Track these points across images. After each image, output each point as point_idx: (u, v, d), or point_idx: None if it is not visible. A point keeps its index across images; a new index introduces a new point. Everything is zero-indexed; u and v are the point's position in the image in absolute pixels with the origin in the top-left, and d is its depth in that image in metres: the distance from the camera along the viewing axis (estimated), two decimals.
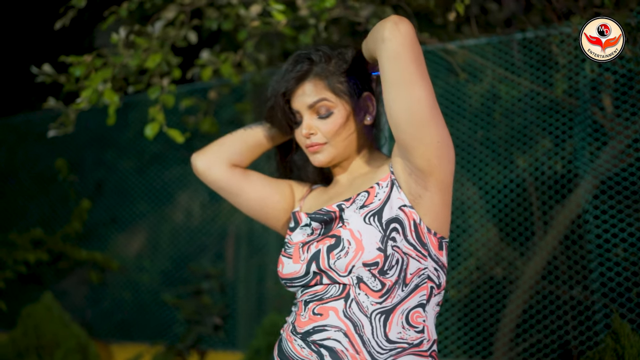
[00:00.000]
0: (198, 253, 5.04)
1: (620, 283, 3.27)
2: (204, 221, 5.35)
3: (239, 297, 4.48)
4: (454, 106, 3.82)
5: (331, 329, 1.53)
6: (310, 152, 1.70)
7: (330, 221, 1.63)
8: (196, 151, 1.85)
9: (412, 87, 1.44)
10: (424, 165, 1.50)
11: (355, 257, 1.52)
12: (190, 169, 5.61)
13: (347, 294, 1.54)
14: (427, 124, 1.46)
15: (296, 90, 1.68)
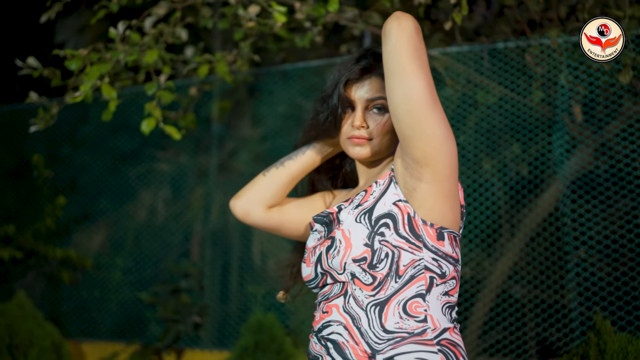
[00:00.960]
0: (166, 252, 5.00)
1: (595, 283, 3.45)
2: (168, 219, 5.31)
3: (210, 296, 4.49)
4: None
5: (334, 324, 1.62)
6: (352, 142, 1.75)
7: (330, 222, 1.70)
8: (234, 196, 1.92)
9: (410, 78, 1.51)
10: (419, 156, 1.54)
11: (345, 254, 1.60)
12: (155, 165, 5.51)
13: (345, 290, 1.63)
14: (424, 114, 1.50)
15: (357, 82, 1.74)
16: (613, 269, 3.47)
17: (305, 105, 4.54)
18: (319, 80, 4.40)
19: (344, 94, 1.73)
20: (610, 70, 3.62)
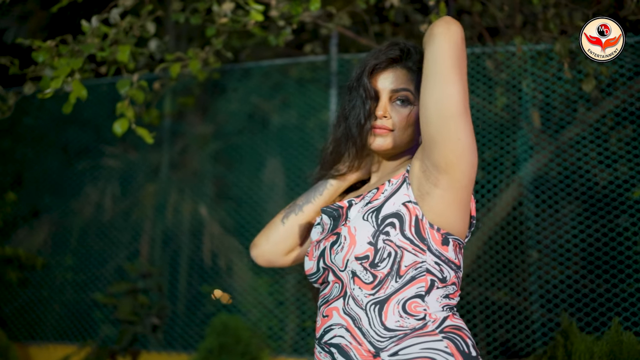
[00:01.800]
0: (114, 251, 4.86)
1: (556, 285, 3.56)
2: (116, 217, 5.16)
3: (166, 297, 4.38)
4: None
5: (336, 327, 1.61)
6: (374, 132, 1.73)
7: (338, 217, 1.69)
8: (253, 246, 1.89)
9: (449, 84, 1.52)
10: (440, 161, 1.54)
11: (348, 251, 1.59)
12: (102, 161, 5.32)
13: (344, 292, 1.62)
14: (454, 121, 1.51)
15: (384, 71, 1.73)
16: (561, 272, 3.60)
17: (262, 105, 4.48)
18: (283, 78, 4.36)
19: (369, 82, 1.72)
20: (571, 79, 3.74)
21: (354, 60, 4.22)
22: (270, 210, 4.47)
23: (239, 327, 3.56)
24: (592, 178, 3.66)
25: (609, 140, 3.82)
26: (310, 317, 3.99)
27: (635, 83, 3.70)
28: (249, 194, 4.54)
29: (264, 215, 4.46)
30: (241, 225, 4.57)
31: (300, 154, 4.33)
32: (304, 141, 4.34)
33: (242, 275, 4.73)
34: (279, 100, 4.38)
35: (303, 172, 4.32)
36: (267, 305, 4.15)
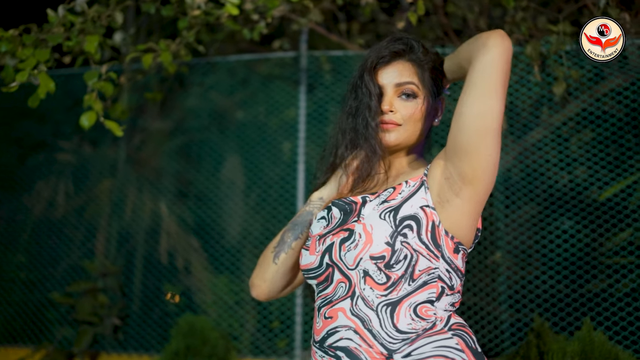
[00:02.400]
0: (67, 249, 4.69)
1: (525, 286, 3.60)
2: (70, 214, 4.98)
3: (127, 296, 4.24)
4: None
5: (342, 329, 1.56)
6: (382, 128, 1.70)
7: (350, 212, 1.66)
8: (252, 286, 1.85)
9: (493, 98, 1.52)
10: (468, 172, 1.55)
11: (363, 249, 1.56)
12: (56, 156, 5.12)
13: (352, 291, 1.57)
14: (489, 135, 1.52)
15: (387, 65, 1.71)
16: (529, 272, 3.64)
17: (226, 102, 4.38)
18: (250, 74, 4.27)
19: (372, 79, 1.69)
20: (540, 82, 3.78)
21: (323, 57, 4.17)
22: (229, 209, 4.37)
23: (205, 328, 3.46)
24: (552, 179, 3.71)
25: (569, 143, 3.88)
26: (278, 317, 3.92)
27: (596, 90, 3.77)
28: (209, 192, 4.44)
29: (221, 213, 4.36)
30: (200, 224, 4.45)
31: (260, 152, 4.25)
32: (266, 139, 4.26)
33: (199, 274, 4.63)
34: (245, 96, 4.29)
35: (263, 171, 4.24)
36: (226, 304, 4.07)
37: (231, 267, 4.22)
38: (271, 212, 4.14)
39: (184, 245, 4.70)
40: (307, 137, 4.05)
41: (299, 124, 4.06)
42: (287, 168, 4.12)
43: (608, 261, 3.56)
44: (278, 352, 3.84)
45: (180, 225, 4.63)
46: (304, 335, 3.83)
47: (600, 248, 3.58)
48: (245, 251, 4.18)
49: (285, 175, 4.15)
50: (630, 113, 3.68)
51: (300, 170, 4.01)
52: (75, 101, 4.65)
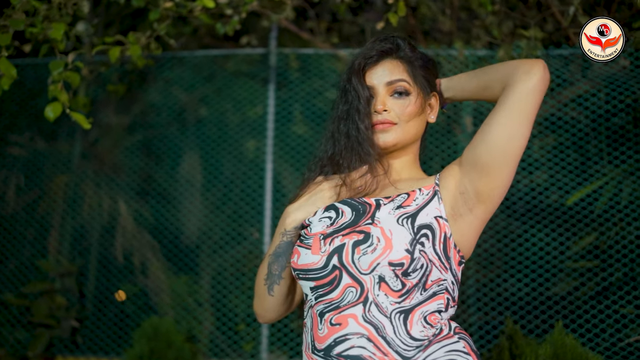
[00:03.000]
0: (18, 247, 4.49)
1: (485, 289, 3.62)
2: (20, 210, 4.78)
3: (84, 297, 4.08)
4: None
5: (353, 337, 1.50)
6: (377, 129, 1.66)
7: (363, 213, 1.60)
8: (258, 316, 1.82)
9: (525, 125, 1.56)
10: (485, 191, 1.57)
11: (382, 254, 1.51)
12: (8, 148, 4.90)
13: (365, 297, 1.52)
14: (512, 160, 1.56)
15: (376, 65, 1.68)
16: (498, 275, 3.67)
17: (190, 98, 4.27)
18: (217, 70, 4.17)
19: (361, 81, 1.66)
20: None
21: (292, 55, 4.11)
22: (186, 207, 4.25)
23: (170, 330, 3.35)
24: (516, 186, 3.75)
25: (531, 147, 3.92)
26: (244, 320, 3.84)
27: (557, 94, 3.82)
28: (169, 190, 4.31)
29: (179, 209, 4.24)
30: (158, 222, 4.32)
31: (226, 150, 4.15)
32: (232, 137, 4.17)
33: (157, 273, 4.51)
34: (211, 92, 4.19)
35: (228, 169, 4.14)
36: (189, 306, 3.96)
37: (190, 266, 4.11)
38: (237, 210, 4.05)
39: (141, 244, 4.56)
40: (275, 136, 3.97)
41: (267, 122, 3.98)
42: (255, 167, 4.03)
43: (574, 265, 3.61)
44: (244, 355, 3.76)
45: (138, 223, 4.49)
46: (270, 338, 3.75)
47: (568, 252, 3.62)
48: (203, 251, 4.06)
49: (252, 174, 4.06)
50: (597, 119, 3.74)
51: (268, 169, 3.94)
52: (30, 93, 4.46)
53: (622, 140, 3.67)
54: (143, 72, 4.03)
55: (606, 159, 3.69)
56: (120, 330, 3.88)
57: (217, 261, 3.96)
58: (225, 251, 3.97)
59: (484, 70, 1.67)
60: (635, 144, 3.65)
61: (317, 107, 4.05)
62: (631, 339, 3.46)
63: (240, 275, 3.90)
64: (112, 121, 4.60)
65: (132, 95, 4.17)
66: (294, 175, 4.03)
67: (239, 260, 3.93)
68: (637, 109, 3.64)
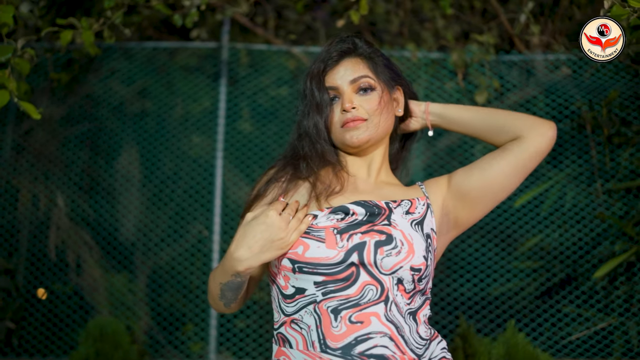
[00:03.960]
0: None
1: None
2: None
3: None
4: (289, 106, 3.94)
5: (376, 336, 1.48)
6: (348, 128, 1.64)
7: (377, 214, 1.58)
8: (214, 308, 1.74)
9: (521, 177, 1.66)
10: (463, 221, 1.68)
11: (405, 258, 1.52)
12: None
13: (386, 296, 1.51)
14: (497, 202, 1.68)
15: (337, 66, 1.67)
16: (447, 275, 3.73)
17: (124, 90, 4.11)
18: (166, 62, 4.05)
19: (321, 82, 1.65)
20: (462, 89, 3.87)
21: (243, 51, 4.04)
22: (124, 202, 4.12)
23: (117, 331, 3.22)
24: None
25: (474, 150, 4.01)
26: (192, 319, 3.74)
27: (506, 99, 3.92)
28: (102, 183, 4.14)
29: (116, 205, 4.09)
30: (98, 217, 4.15)
31: (156, 144, 4.04)
32: (168, 131, 4.05)
33: (92, 271, 4.34)
34: (157, 85, 4.06)
35: (157, 164, 4.03)
36: (131, 305, 3.83)
37: (126, 265, 3.97)
38: (185, 208, 3.94)
39: (77, 241, 4.38)
40: (226, 132, 3.89)
41: (218, 118, 3.89)
42: (206, 163, 3.94)
43: (521, 265, 3.70)
44: (192, 356, 3.66)
45: (73, 218, 4.31)
46: (218, 339, 3.67)
47: (515, 252, 3.71)
48: (148, 249, 3.93)
49: (202, 171, 3.96)
50: None
51: (218, 166, 3.85)
52: None
53: (566, 145, 3.80)
54: (87, 62, 3.86)
55: (552, 163, 3.80)
56: (61, 332, 3.71)
57: (165, 259, 3.84)
58: (173, 249, 3.86)
59: (491, 113, 1.72)
60: (579, 150, 3.78)
61: (269, 104, 4.00)
62: (572, 337, 3.59)
63: (189, 274, 3.80)
64: (50, 112, 4.39)
65: (73, 86, 3.99)
66: (245, 173, 3.96)
67: (187, 259, 3.83)
68: (580, 117, 3.77)
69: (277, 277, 1.58)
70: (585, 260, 3.66)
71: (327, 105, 1.66)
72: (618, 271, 3.60)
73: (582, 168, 3.75)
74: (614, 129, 3.70)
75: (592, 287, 3.64)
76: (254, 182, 3.91)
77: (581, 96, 3.82)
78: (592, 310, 3.62)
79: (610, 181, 3.69)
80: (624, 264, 3.57)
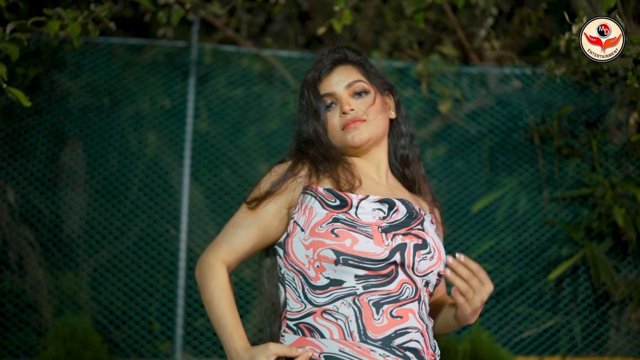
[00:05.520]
0: None
1: None
2: None
3: None
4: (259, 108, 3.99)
5: (412, 331, 1.57)
6: (349, 129, 1.70)
7: (414, 217, 1.66)
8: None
9: None
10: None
11: (436, 264, 1.62)
12: None
13: (419, 295, 1.61)
14: None
15: (331, 74, 1.74)
16: None
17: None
18: (135, 59, 4.01)
19: (316, 90, 1.73)
20: (424, 98, 4.05)
21: (208, 51, 4.05)
22: (67, 199, 4.04)
23: (87, 331, 3.18)
24: None
25: (424, 155, 4.20)
26: (158, 318, 3.71)
27: (466, 108, 4.13)
28: (42, 178, 4.03)
29: (60, 203, 4.01)
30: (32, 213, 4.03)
31: (100, 140, 3.99)
32: (112, 126, 4.01)
33: (33, 269, 4.22)
34: (120, 81, 4.01)
35: (100, 161, 3.99)
36: (83, 304, 3.76)
37: (70, 262, 3.89)
38: (152, 206, 3.91)
39: (17, 237, 4.25)
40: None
41: (186, 117, 3.89)
42: (176, 161, 3.92)
43: None
44: (159, 354, 3.64)
45: (11, 214, 4.17)
46: (185, 337, 3.67)
47: (471, 255, 3.91)
48: (80, 245, 3.87)
49: (172, 168, 3.95)
50: (500, 134, 4.08)
51: (186, 165, 3.86)
52: None
53: (520, 154, 4.04)
54: (54, 55, 3.77)
55: (506, 171, 4.03)
56: (6, 331, 3.60)
57: (131, 257, 3.79)
58: (139, 247, 3.82)
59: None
60: (531, 159, 4.03)
61: (238, 106, 4.04)
62: (524, 335, 3.82)
63: (155, 273, 3.77)
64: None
65: (39, 79, 3.88)
66: (207, 177, 3.97)
67: (154, 258, 3.80)
68: (532, 128, 4.02)
69: (306, 267, 1.60)
70: (536, 262, 3.90)
71: (324, 111, 1.74)
72: (565, 273, 3.87)
73: (534, 177, 4.00)
74: (562, 140, 3.97)
75: (542, 288, 3.88)
76: (221, 181, 3.95)
77: (532, 110, 4.08)
78: (541, 310, 3.87)
79: (559, 189, 3.95)
80: (570, 267, 3.83)
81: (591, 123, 4.02)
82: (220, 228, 3.88)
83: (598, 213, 3.78)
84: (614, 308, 3.86)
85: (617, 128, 3.95)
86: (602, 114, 4.01)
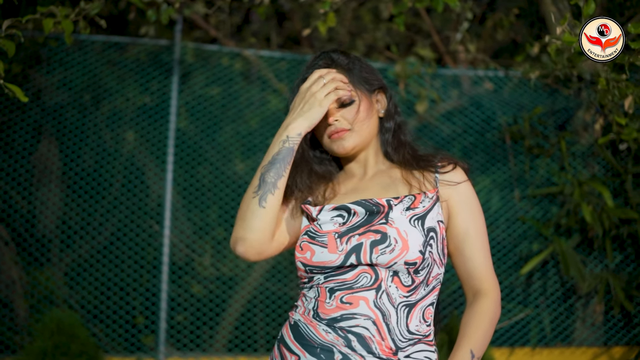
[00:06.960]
0: None
1: None
2: None
3: None
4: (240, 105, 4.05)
5: (360, 317, 1.65)
6: (334, 139, 1.77)
7: (376, 213, 1.71)
8: (237, 240, 1.70)
9: None
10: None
11: (399, 255, 1.65)
12: None
13: (378, 285, 1.66)
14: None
15: None
16: None
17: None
18: (118, 57, 4.04)
19: None
20: (402, 99, 4.17)
21: (190, 50, 4.11)
22: (41, 196, 4.04)
23: (74, 324, 3.21)
24: None
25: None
26: (142, 312, 3.76)
27: (441, 109, 4.28)
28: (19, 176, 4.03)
29: (31, 198, 4.01)
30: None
31: (74, 137, 4.01)
32: (92, 123, 4.03)
33: (8, 267, 4.22)
34: (102, 79, 4.03)
35: (75, 157, 4.01)
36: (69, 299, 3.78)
37: (34, 257, 3.90)
38: (135, 203, 3.95)
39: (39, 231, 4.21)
40: (177, 129, 3.96)
41: (170, 115, 3.95)
42: (159, 158, 3.97)
43: None
44: (143, 348, 3.68)
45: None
46: (169, 331, 3.72)
47: None
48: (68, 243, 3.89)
49: (154, 165, 3.98)
50: (473, 134, 4.23)
51: (169, 162, 3.91)
52: None
53: (492, 154, 4.20)
54: (37, 52, 3.78)
55: (480, 169, 4.19)
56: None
57: (114, 252, 3.83)
58: (123, 243, 3.86)
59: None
60: (503, 158, 4.20)
61: (220, 104, 4.10)
62: (497, 326, 3.97)
63: (138, 268, 3.82)
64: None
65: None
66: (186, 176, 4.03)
67: (137, 253, 3.84)
68: (505, 129, 4.18)
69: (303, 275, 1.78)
70: (508, 258, 4.06)
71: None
72: (535, 268, 4.04)
73: (506, 175, 4.16)
74: (533, 141, 4.14)
75: (513, 282, 4.05)
76: (197, 182, 4.00)
77: (504, 111, 4.24)
78: (512, 303, 4.03)
79: (530, 187, 4.12)
80: (540, 262, 4.01)
81: (560, 124, 4.21)
82: (198, 225, 3.95)
83: (567, 210, 3.96)
84: (581, 301, 4.05)
85: (584, 129, 4.14)
86: (571, 116, 4.19)
